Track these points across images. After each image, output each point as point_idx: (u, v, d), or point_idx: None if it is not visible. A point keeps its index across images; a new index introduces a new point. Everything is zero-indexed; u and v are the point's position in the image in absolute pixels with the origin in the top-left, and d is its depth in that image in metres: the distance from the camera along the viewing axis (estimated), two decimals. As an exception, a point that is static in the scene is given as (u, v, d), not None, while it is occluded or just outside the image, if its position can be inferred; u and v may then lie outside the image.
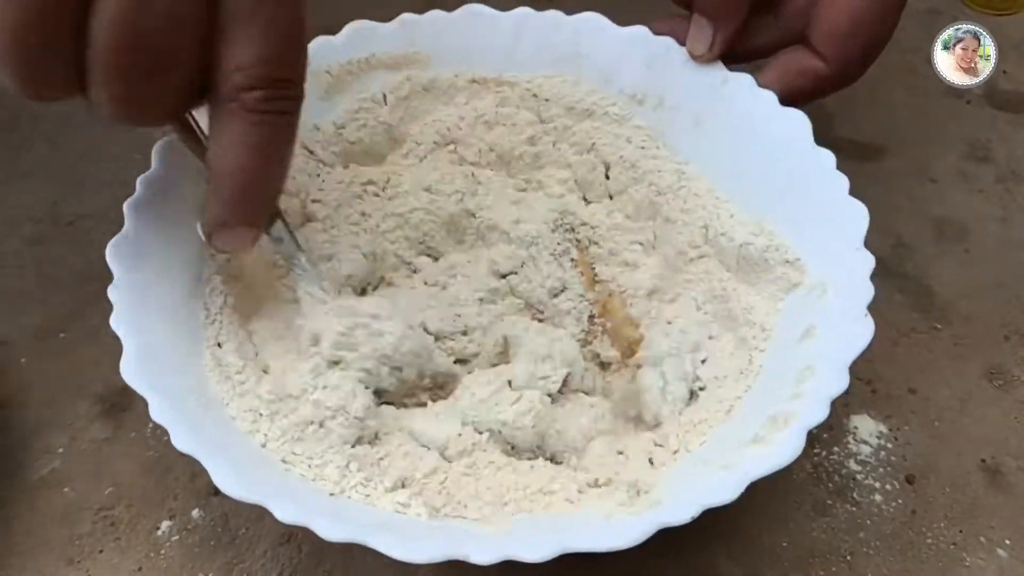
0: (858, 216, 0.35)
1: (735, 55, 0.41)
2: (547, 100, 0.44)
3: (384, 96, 0.43)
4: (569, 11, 0.43)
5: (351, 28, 0.42)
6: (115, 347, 0.30)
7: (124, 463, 0.38)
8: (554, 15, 0.43)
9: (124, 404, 0.40)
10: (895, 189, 0.50)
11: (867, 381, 0.41)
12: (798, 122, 0.38)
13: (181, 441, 0.28)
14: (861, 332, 0.31)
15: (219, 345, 0.35)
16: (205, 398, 0.32)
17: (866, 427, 0.39)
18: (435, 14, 0.43)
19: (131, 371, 0.30)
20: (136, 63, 0.26)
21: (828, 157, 0.37)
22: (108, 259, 0.33)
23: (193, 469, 0.37)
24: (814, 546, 0.35)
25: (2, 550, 0.35)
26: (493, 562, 0.26)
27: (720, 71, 0.41)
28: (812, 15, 0.40)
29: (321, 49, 0.41)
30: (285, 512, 0.27)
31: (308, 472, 0.31)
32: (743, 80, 0.40)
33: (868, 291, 0.32)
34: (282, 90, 0.29)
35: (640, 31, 0.42)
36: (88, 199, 0.49)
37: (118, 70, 0.26)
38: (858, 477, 0.37)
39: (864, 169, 0.52)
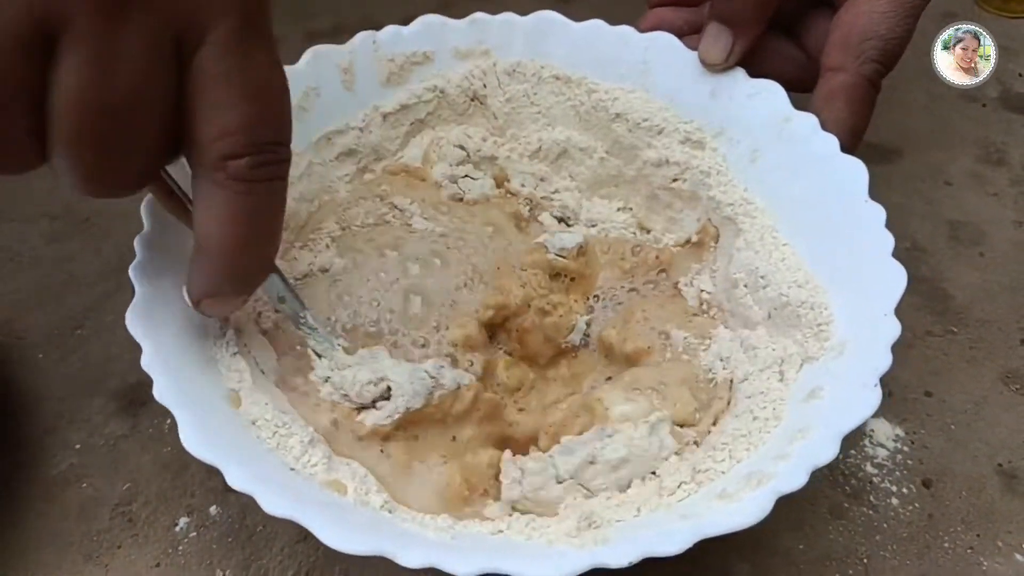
0: (896, 280, 0.33)
1: (746, 72, 0.40)
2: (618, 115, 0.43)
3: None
4: (637, 26, 0.43)
5: (422, 21, 0.43)
6: (132, 343, 0.30)
7: (141, 459, 0.38)
8: (625, 30, 0.43)
9: (141, 400, 0.40)
10: (910, 192, 0.50)
11: (883, 384, 0.40)
12: (855, 171, 0.36)
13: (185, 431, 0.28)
14: (866, 402, 0.29)
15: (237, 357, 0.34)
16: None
17: (882, 430, 0.39)
18: (507, 16, 0.43)
19: (162, 393, 0.29)
20: (100, 139, 0.24)
21: (879, 212, 0.35)
22: (132, 279, 0.31)
23: (210, 466, 0.37)
24: (830, 549, 0.35)
25: (20, 546, 0.35)
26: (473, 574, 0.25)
27: (785, 107, 0.39)
28: (830, 35, 0.39)
29: (390, 38, 0.42)
30: (237, 478, 0.27)
31: (272, 440, 0.30)
32: (807, 120, 0.38)
33: (886, 360, 0.30)
34: (269, 154, 0.26)
35: None
36: (104, 196, 0.50)
37: (80, 146, 0.24)
38: (875, 480, 0.37)
39: (879, 171, 0.51)
